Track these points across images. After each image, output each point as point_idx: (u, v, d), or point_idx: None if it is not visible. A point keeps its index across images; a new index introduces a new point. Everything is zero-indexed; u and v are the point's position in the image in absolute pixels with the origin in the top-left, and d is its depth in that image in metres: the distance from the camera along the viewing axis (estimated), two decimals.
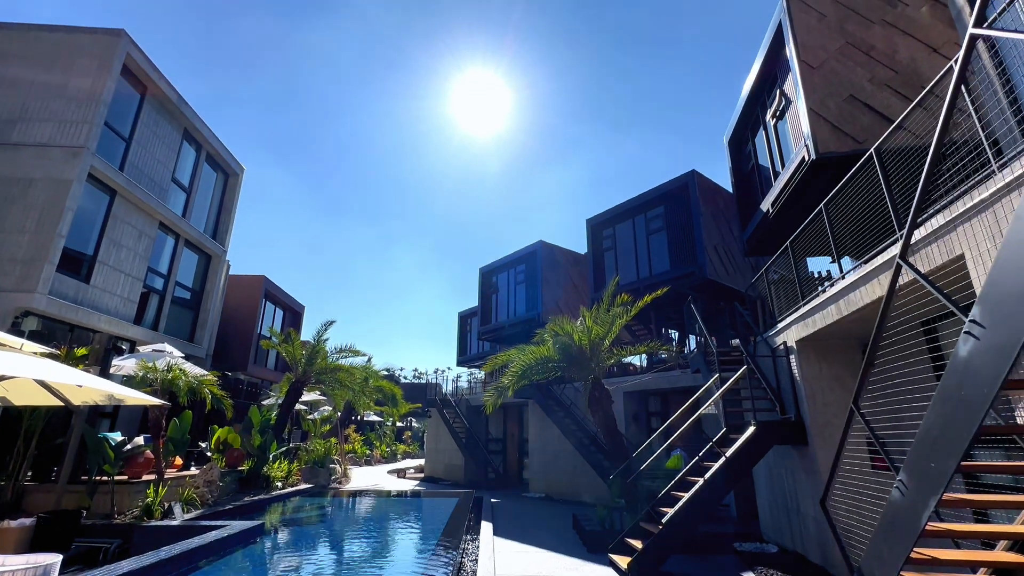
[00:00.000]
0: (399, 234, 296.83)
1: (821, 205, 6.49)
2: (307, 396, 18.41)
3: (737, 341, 10.76)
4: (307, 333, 21.98)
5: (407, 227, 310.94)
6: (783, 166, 10.71)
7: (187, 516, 8.54)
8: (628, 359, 20.67)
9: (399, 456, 33.89)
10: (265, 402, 18.07)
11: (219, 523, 7.60)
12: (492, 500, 14.11)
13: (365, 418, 36.38)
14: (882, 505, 3.64)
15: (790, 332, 7.59)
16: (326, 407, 26.18)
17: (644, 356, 19.63)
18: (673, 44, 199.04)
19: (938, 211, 4.12)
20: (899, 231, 4.05)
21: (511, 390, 9.28)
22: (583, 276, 21.99)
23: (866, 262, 5.47)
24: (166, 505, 8.36)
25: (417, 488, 17.54)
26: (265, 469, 12.57)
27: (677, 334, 20.57)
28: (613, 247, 18.30)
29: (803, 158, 8.84)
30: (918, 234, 4.30)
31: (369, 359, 21.64)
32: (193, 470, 11.26)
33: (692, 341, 20.82)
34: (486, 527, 9.17)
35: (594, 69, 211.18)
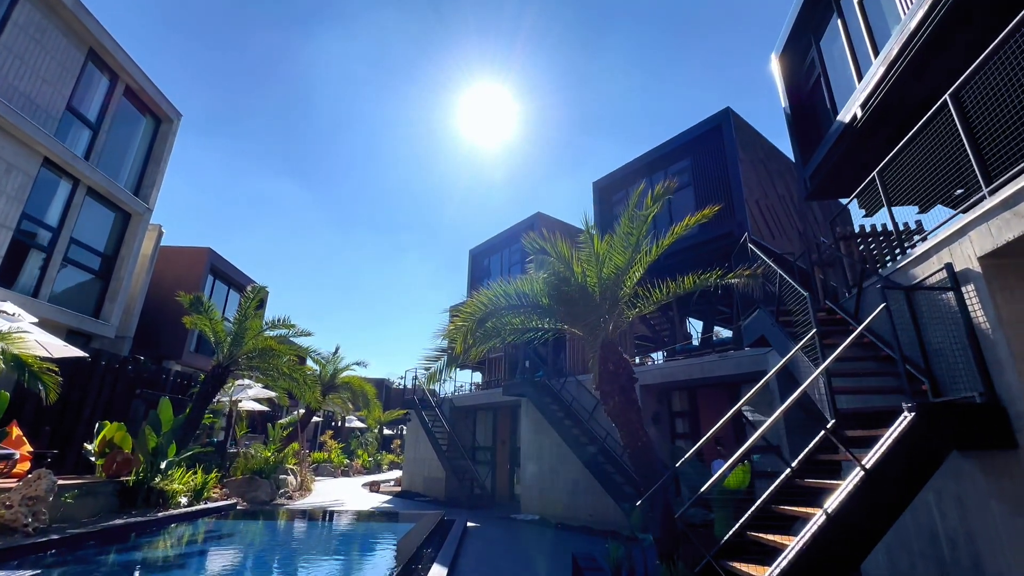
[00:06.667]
0: (407, 245, 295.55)
1: None
2: (252, 391, 15.15)
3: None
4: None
5: (415, 238, 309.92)
6: (876, 54, 7.49)
7: None
8: (645, 354, 17.37)
9: (384, 467, 30.42)
10: None
11: None
12: (469, 524, 10.76)
13: (347, 424, 33.02)
14: None
15: (962, 245, 4.27)
16: (301, 409, 22.88)
17: (662, 353, 16.34)
18: (685, 54, 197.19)
19: None
20: None
21: (459, 344, 5.79)
22: None
23: None
24: None
25: (383, 506, 14.18)
26: (158, 480, 9.28)
27: (702, 324, 17.16)
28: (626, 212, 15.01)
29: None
30: None
31: (336, 350, 18.43)
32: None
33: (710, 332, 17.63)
34: (437, 574, 5.84)
35: (602, 82, 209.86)
